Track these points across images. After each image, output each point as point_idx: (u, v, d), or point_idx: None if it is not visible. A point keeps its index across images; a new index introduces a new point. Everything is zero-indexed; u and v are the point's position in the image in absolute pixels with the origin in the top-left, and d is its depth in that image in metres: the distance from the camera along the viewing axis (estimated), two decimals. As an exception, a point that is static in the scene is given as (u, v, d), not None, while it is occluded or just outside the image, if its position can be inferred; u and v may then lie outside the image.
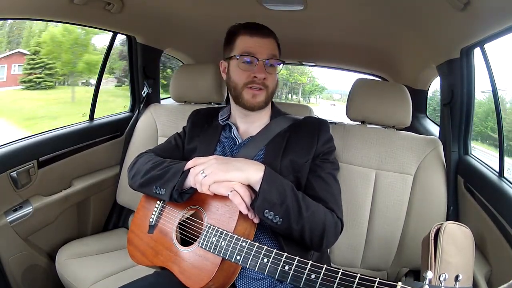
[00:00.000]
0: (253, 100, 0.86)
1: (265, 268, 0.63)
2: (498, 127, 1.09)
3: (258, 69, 0.85)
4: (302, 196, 0.76)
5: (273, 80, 0.88)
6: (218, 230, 0.72)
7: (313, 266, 0.59)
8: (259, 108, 0.88)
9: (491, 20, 0.93)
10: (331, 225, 0.79)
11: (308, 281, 0.58)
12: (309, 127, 0.91)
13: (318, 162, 0.87)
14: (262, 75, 0.84)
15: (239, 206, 0.70)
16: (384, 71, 2.25)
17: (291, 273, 0.60)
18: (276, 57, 0.88)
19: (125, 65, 1.67)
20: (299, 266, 0.60)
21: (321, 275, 0.57)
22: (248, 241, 0.67)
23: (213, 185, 0.73)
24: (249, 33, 0.87)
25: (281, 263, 0.62)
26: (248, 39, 0.86)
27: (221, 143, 0.93)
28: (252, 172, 0.73)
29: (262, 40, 0.86)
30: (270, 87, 0.88)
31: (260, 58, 0.85)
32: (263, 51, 0.85)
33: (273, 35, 0.90)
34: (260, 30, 0.88)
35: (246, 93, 0.86)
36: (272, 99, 0.93)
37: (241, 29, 0.88)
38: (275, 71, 0.88)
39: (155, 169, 0.85)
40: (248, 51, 0.86)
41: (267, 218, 0.71)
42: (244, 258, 0.66)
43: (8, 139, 1.18)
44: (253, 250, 0.66)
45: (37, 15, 1.13)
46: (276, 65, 0.88)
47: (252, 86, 0.85)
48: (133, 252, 0.87)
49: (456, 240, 0.83)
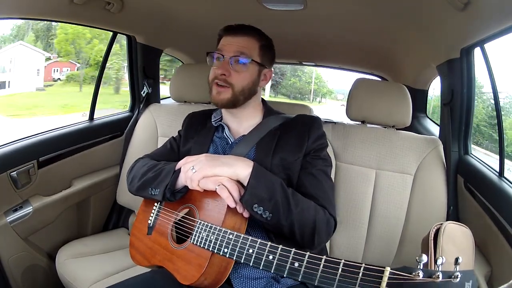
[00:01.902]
0: (217, 97, 0.87)
1: (250, 259, 0.64)
2: (498, 127, 1.09)
3: (220, 65, 0.86)
4: (292, 193, 0.77)
5: (241, 78, 0.86)
6: (207, 225, 0.73)
7: (296, 254, 0.59)
8: (223, 105, 0.88)
9: (491, 20, 0.92)
10: (322, 222, 0.79)
11: (292, 270, 0.58)
12: (300, 125, 0.91)
13: (309, 159, 0.87)
14: (220, 70, 0.85)
15: (226, 200, 0.71)
16: (384, 71, 2.25)
17: (275, 262, 0.60)
18: (246, 55, 0.86)
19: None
20: (282, 255, 0.60)
21: (304, 263, 0.57)
22: (235, 233, 0.68)
23: (202, 180, 0.74)
24: (225, 33, 0.90)
25: (265, 252, 0.62)
26: (223, 39, 0.90)
27: (214, 143, 0.94)
28: (241, 167, 0.75)
29: (232, 39, 0.88)
30: (236, 85, 0.86)
31: (225, 56, 0.86)
32: (229, 49, 0.86)
33: (251, 33, 0.89)
34: (234, 29, 0.89)
35: (213, 89, 0.88)
36: (251, 98, 0.91)
37: (222, 31, 0.91)
38: (243, 69, 0.86)
39: (150, 171, 0.87)
40: (218, 48, 0.89)
41: (256, 213, 0.72)
42: (231, 251, 0.67)
43: (10, 139, 1.19)
44: (239, 241, 0.66)
45: (37, 15, 1.13)
46: (242, 63, 0.86)
47: (217, 81, 0.87)
48: (134, 254, 0.89)
49: (456, 240, 0.83)
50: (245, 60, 0.86)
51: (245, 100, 0.89)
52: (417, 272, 0.46)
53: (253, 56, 0.88)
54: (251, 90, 0.89)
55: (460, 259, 0.45)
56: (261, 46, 0.90)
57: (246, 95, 0.89)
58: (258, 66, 0.89)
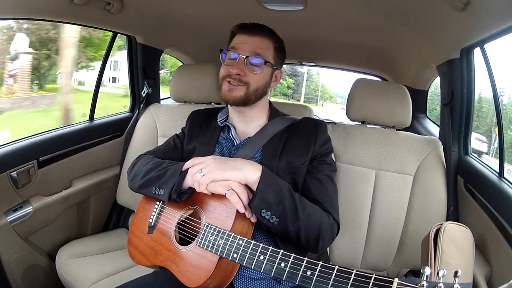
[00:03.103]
0: (229, 94, 0.86)
1: (261, 266, 0.64)
2: (498, 127, 1.09)
3: (235, 64, 0.85)
4: (299, 198, 0.77)
5: (256, 78, 0.86)
6: (215, 229, 0.72)
7: (309, 263, 0.59)
8: (234, 102, 0.87)
9: (491, 20, 0.92)
10: (327, 227, 0.79)
11: (304, 278, 0.58)
12: (307, 128, 0.91)
13: (315, 164, 0.87)
14: (235, 70, 0.84)
15: (236, 205, 0.71)
16: (384, 71, 2.25)
17: (287, 270, 0.60)
18: (261, 56, 0.86)
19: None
20: (294, 263, 0.60)
21: (316, 272, 0.57)
22: (245, 239, 0.68)
23: (211, 184, 0.73)
24: (240, 31, 0.89)
25: (277, 260, 0.62)
26: (237, 36, 0.89)
27: (219, 144, 0.93)
28: (250, 172, 0.74)
29: (248, 38, 0.87)
30: (252, 84, 0.86)
31: (240, 54, 0.85)
32: (245, 48, 0.86)
33: (267, 34, 0.89)
34: (250, 28, 0.88)
35: (224, 85, 0.87)
36: (261, 98, 0.91)
37: (236, 28, 0.90)
38: (258, 70, 0.86)
39: (154, 170, 0.85)
40: (232, 46, 0.88)
41: (264, 218, 0.71)
42: (241, 256, 0.67)
43: (10, 139, 1.19)
44: (250, 248, 0.66)
45: (37, 15, 1.13)
46: (257, 63, 0.86)
47: (230, 80, 0.86)
48: (133, 252, 0.87)
49: (456, 241, 0.83)
50: (260, 61, 0.86)
51: (256, 100, 0.89)
52: (422, 284, 0.48)
53: (267, 57, 0.87)
54: (263, 90, 0.89)
55: (459, 272, 0.48)
56: (275, 48, 0.90)
57: (258, 95, 0.89)
58: (271, 67, 0.89)
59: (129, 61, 1.61)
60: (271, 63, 0.88)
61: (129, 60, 1.61)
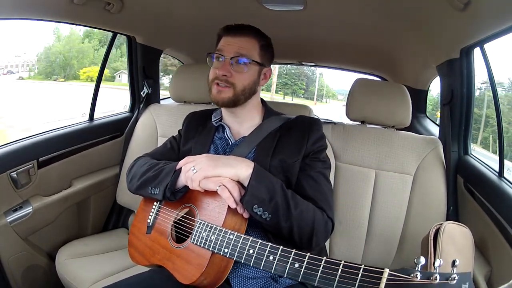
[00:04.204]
0: (218, 95, 0.87)
1: (250, 259, 0.64)
2: (498, 127, 1.09)
3: (221, 66, 0.86)
4: (292, 194, 0.77)
5: (242, 78, 0.87)
6: (208, 225, 0.73)
7: (297, 255, 0.59)
8: (224, 104, 0.88)
9: (491, 20, 0.93)
10: (320, 224, 0.79)
11: (292, 270, 0.58)
12: (300, 126, 0.91)
13: (308, 161, 0.87)
14: (221, 72, 0.85)
15: (227, 200, 0.72)
16: (384, 71, 2.25)
17: (275, 263, 0.61)
18: (247, 56, 0.86)
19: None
20: (282, 256, 0.61)
21: (304, 264, 0.57)
22: (235, 233, 0.68)
23: (203, 180, 0.75)
24: (225, 33, 0.90)
25: (266, 253, 0.63)
26: (223, 39, 0.90)
27: (214, 143, 0.94)
28: (241, 168, 0.75)
29: (232, 39, 0.88)
30: (238, 85, 0.87)
31: (226, 56, 0.86)
32: (230, 49, 0.87)
33: (251, 34, 0.89)
34: (234, 29, 0.89)
35: (213, 88, 0.89)
36: (251, 98, 0.91)
37: (221, 30, 0.91)
38: (244, 69, 0.87)
39: (150, 170, 0.87)
40: (218, 49, 0.89)
41: (256, 213, 0.72)
42: (231, 251, 0.67)
43: (9, 139, 1.19)
44: (240, 242, 0.67)
45: (37, 15, 1.13)
46: (243, 63, 0.86)
47: (218, 82, 0.87)
48: (133, 253, 0.89)
49: (456, 240, 0.83)
50: (245, 61, 0.87)
51: (245, 99, 0.90)
52: (415, 274, 0.46)
53: (253, 56, 0.88)
54: (251, 89, 0.90)
55: (457, 261, 0.46)
56: (261, 46, 0.90)
57: (247, 95, 0.89)
58: (258, 66, 0.89)
59: (129, 61, 1.61)
60: (257, 61, 0.88)
61: (129, 60, 1.61)
